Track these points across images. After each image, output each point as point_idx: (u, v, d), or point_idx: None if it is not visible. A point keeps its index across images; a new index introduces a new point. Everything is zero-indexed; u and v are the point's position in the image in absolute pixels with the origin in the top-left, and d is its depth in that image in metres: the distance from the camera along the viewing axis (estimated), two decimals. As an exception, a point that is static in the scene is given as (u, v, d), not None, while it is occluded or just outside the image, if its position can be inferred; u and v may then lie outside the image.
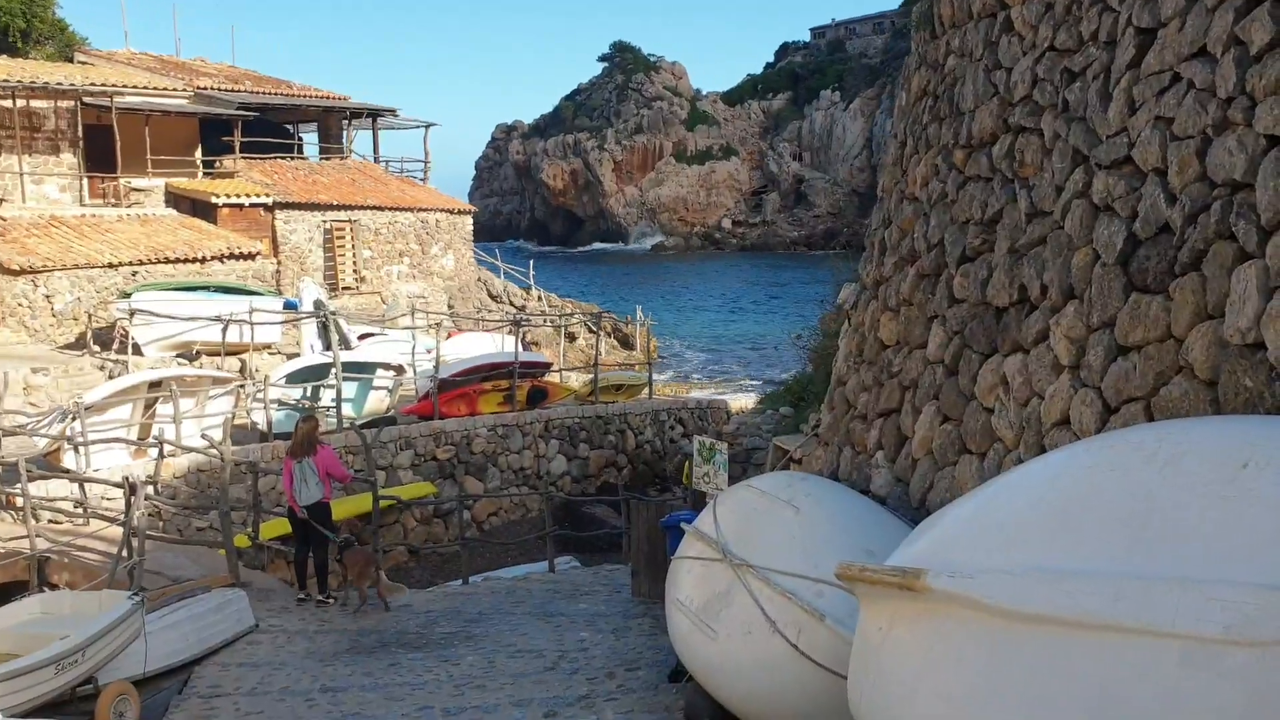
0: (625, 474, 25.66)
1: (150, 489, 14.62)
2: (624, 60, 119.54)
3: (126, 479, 12.01)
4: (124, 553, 11.74)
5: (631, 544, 13.22)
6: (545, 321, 33.55)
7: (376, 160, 40.55)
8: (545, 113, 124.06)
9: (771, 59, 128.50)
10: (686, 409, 28.08)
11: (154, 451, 16.28)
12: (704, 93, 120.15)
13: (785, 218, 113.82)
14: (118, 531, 12.33)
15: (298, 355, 23.44)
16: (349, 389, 21.10)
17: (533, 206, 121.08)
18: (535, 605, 12.85)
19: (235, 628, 10.81)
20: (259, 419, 19.51)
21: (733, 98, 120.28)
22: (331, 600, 12.44)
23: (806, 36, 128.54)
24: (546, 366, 25.98)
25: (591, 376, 27.62)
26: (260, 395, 19.45)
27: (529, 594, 13.89)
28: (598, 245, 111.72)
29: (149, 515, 15.85)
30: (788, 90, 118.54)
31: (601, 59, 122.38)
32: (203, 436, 12.63)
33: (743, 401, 31.58)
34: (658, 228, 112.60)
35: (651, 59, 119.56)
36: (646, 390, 27.81)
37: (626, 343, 39.15)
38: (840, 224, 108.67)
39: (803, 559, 6.57)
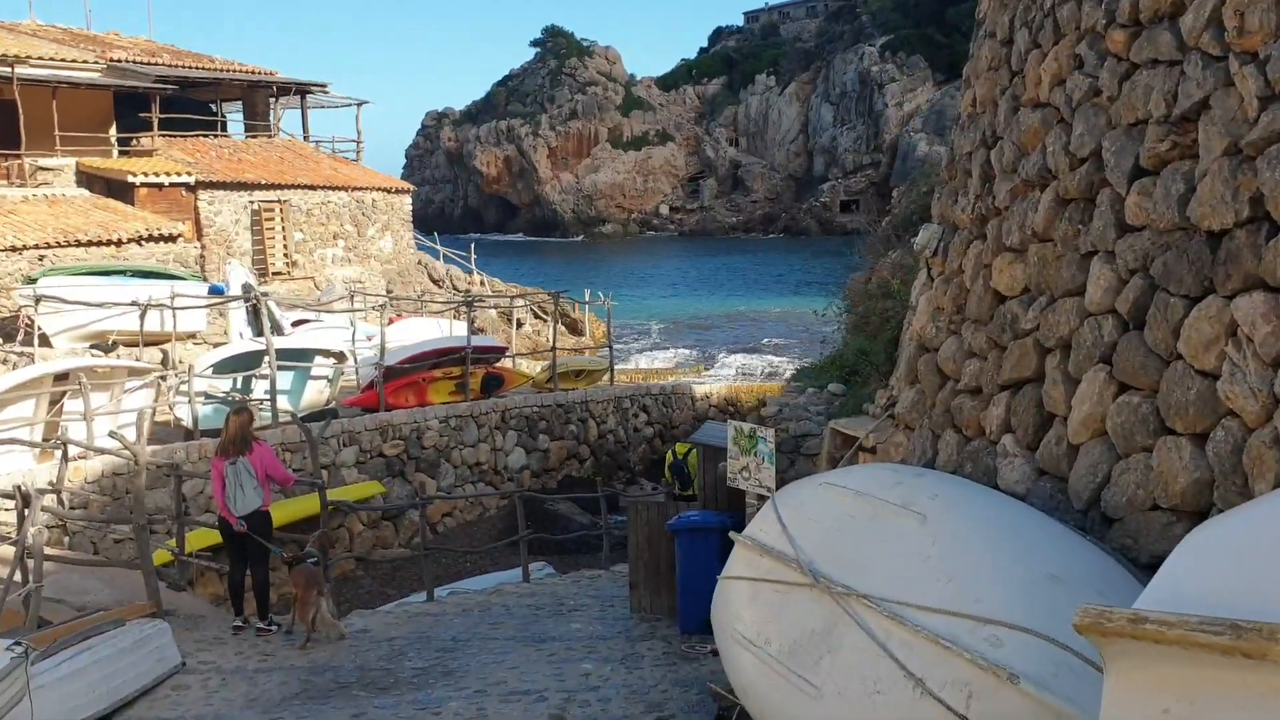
0: (588, 466, 23.80)
1: (53, 498, 12.46)
2: (556, 45, 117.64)
3: (18, 488, 9.86)
4: (16, 577, 9.65)
5: (629, 551, 11.32)
6: (510, 302, 31.38)
7: (306, 139, 38.12)
8: (477, 99, 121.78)
9: (705, 43, 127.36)
10: (650, 395, 26.30)
11: (59, 454, 14.05)
12: (638, 78, 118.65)
13: (723, 203, 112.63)
14: (9, 551, 10.18)
15: (225, 345, 21.16)
16: (284, 379, 18.93)
17: (466, 195, 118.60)
18: (518, 627, 10.89)
19: (156, 669, 8.75)
20: (183, 414, 17.31)
21: (667, 83, 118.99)
22: (275, 628, 10.39)
23: (740, 20, 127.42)
24: (501, 351, 23.93)
25: (547, 363, 25.70)
26: (184, 387, 17.26)
27: (507, 612, 11.93)
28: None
29: (52, 529, 13.67)
30: (722, 75, 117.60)
31: (534, 44, 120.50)
32: (110, 435, 10.48)
33: (708, 387, 29.83)
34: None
35: (585, 44, 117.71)
36: (607, 376, 25.92)
37: (574, 328, 37.19)
38: (778, 209, 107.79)
39: (947, 588, 4.74)
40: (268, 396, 17.77)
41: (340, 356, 20.10)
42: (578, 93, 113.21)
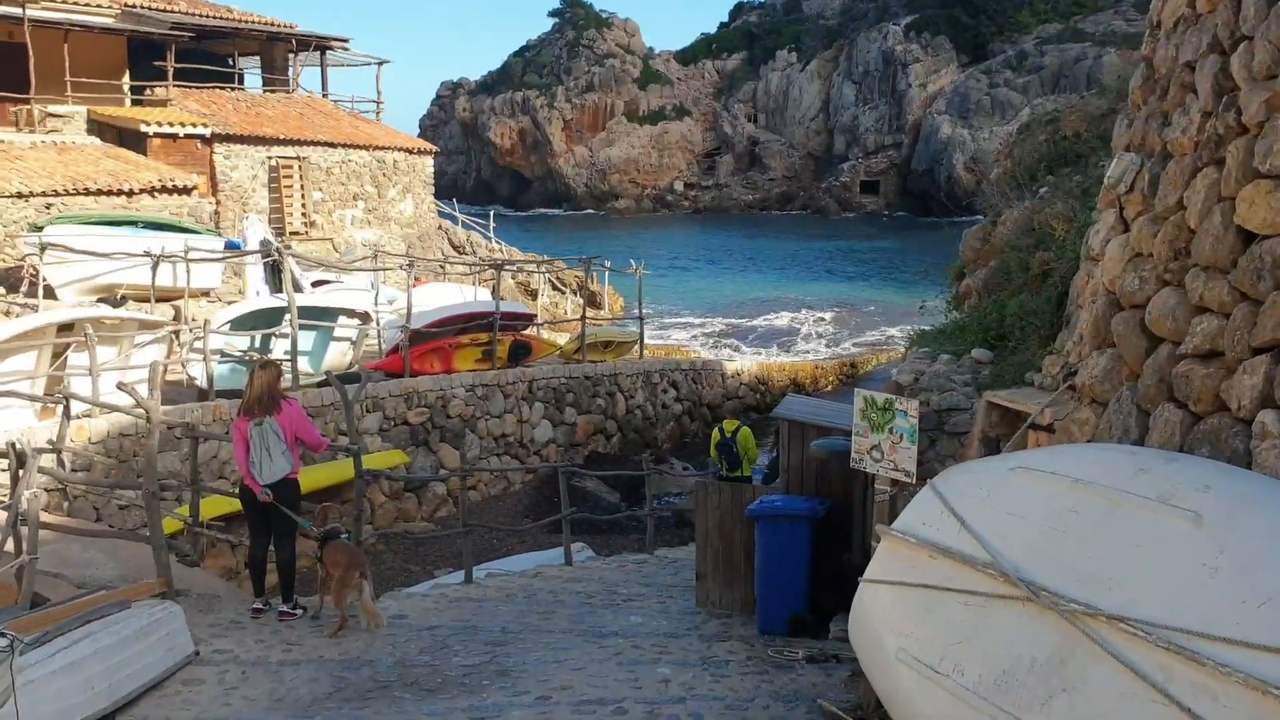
0: (615, 442, 22.62)
1: (52, 458, 11.23)
2: (575, 16, 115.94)
3: (13, 445, 8.62)
4: (9, 547, 8.45)
5: (697, 538, 10.10)
6: (537, 268, 30.01)
7: (325, 96, 36.77)
8: (493, 69, 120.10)
9: (726, 18, 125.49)
10: (680, 370, 25.11)
11: (61, 410, 12.81)
12: (657, 51, 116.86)
13: (739, 181, 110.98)
14: (1, 517, 8.96)
15: (243, 301, 19.89)
16: (306, 339, 17.70)
17: (479, 166, 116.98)
18: (573, 618, 9.67)
19: (166, 660, 7.54)
20: (197, 373, 16.09)
21: (686, 57, 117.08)
22: (300, 611, 9.17)
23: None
24: (530, 319, 22.67)
25: (572, 334, 24.47)
26: (199, 344, 16.03)
27: (555, 599, 10.71)
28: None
29: (51, 492, 12.46)
30: (742, 50, 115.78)
31: (551, 14, 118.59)
32: (118, 387, 9.21)
33: (739, 364, 28.57)
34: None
35: (603, 15, 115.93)
36: (637, 349, 24.66)
37: (593, 301, 35.87)
38: (796, 187, 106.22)
39: (1258, 613, 3.49)
40: (288, 357, 16.51)
41: (365, 317, 18.85)
42: (595, 65, 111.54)
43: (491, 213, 39.48)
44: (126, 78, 30.54)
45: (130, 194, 24.19)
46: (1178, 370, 5.08)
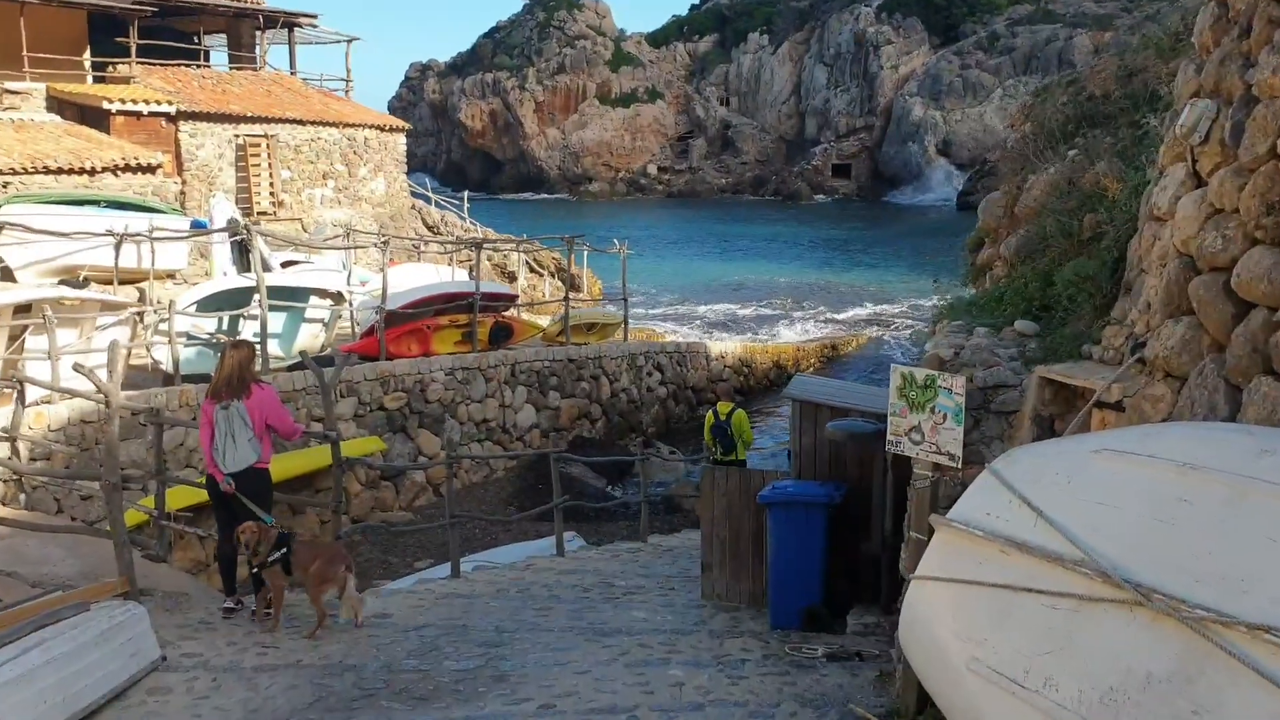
0: (599, 426, 22.00)
1: (6, 447, 10.48)
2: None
3: (-40, 434, 7.90)
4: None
5: (702, 527, 9.48)
6: (516, 249, 29.20)
7: (293, 74, 35.81)
8: (463, 50, 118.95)
9: (697, 0, 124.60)
10: (665, 353, 24.53)
11: (16, 395, 12.04)
12: (628, 33, 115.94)
13: (712, 164, 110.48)
14: (-51, 512, 8.23)
15: (210, 281, 19.07)
16: (276, 321, 16.95)
17: (449, 149, 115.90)
18: (571, 614, 9.02)
19: (130, 666, 6.86)
20: (162, 356, 15.33)
21: (658, 39, 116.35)
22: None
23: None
24: (512, 299, 21.97)
25: (554, 315, 23.79)
26: (164, 326, 15.26)
27: (550, 593, 10.06)
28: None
29: (6, 483, 11.71)
30: (714, 32, 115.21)
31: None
32: (75, 369, 8.44)
33: (723, 346, 27.99)
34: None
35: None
36: (621, 331, 24.03)
37: (572, 285, 35.12)
38: (768, 171, 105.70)
39: None
40: (257, 339, 15.74)
41: (338, 297, 18.11)
42: (566, 47, 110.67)
43: (465, 194, 38.59)
44: (87, 54, 29.53)
45: (92, 172, 23.30)
46: (1276, 339, 4.49)
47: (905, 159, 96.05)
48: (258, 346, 15.00)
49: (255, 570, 7.98)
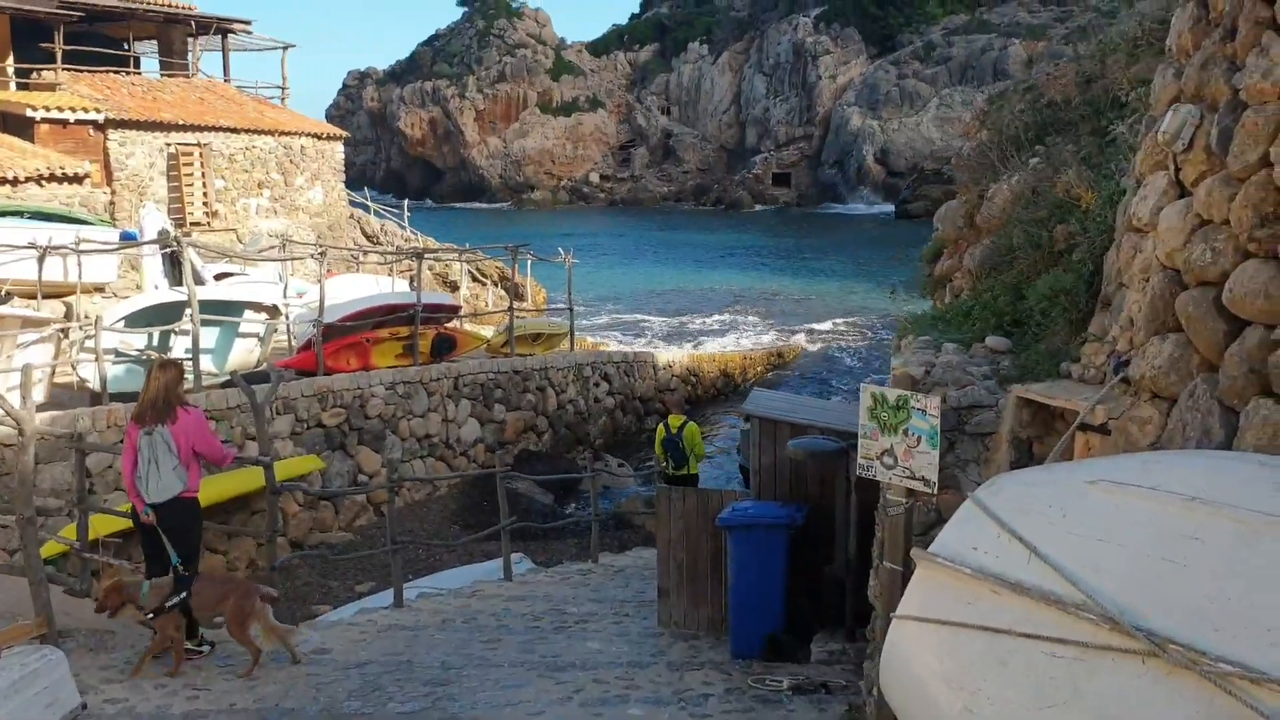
0: (546, 439, 21.57)
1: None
2: (485, 5, 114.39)
3: None
4: None
5: (659, 550, 9.11)
6: (458, 258, 28.60)
7: (227, 81, 35.02)
8: (402, 58, 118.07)
9: (637, 9, 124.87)
10: (612, 363, 24.15)
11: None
12: (569, 42, 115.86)
13: (654, 173, 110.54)
14: None
15: (139, 295, 18.40)
16: (209, 336, 16.36)
17: (389, 157, 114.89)
18: (522, 646, 8.59)
19: (46, 717, 6.35)
20: (89, 374, 14.68)
21: (598, 48, 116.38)
22: (206, 649, 7.98)
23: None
24: (454, 311, 21.48)
25: (499, 326, 23.35)
26: (90, 343, 14.62)
27: (499, 623, 9.62)
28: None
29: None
30: (654, 42, 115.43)
31: (461, 2, 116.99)
32: (-14, 393, 7.87)
33: (670, 356, 27.67)
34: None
35: (514, 4, 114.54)
36: (567, 341, 23.62)
37: (516, 294, 34.63)
38: (710, 180, 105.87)
39: None
40: (189, 355, 15.15)
41: (273, 311, 17.52)
42: (506, 55, 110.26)
43: (405, 202, 37.99)
44: (10, 60, 28.59)
45: (15, 182, 22.47)
46: (1274, 358, 4.21)
47: (844, 168, 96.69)
48: (187, 366, 14.40)
49: (150, 617, 7.49)
